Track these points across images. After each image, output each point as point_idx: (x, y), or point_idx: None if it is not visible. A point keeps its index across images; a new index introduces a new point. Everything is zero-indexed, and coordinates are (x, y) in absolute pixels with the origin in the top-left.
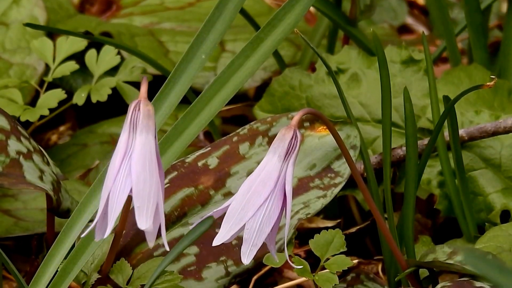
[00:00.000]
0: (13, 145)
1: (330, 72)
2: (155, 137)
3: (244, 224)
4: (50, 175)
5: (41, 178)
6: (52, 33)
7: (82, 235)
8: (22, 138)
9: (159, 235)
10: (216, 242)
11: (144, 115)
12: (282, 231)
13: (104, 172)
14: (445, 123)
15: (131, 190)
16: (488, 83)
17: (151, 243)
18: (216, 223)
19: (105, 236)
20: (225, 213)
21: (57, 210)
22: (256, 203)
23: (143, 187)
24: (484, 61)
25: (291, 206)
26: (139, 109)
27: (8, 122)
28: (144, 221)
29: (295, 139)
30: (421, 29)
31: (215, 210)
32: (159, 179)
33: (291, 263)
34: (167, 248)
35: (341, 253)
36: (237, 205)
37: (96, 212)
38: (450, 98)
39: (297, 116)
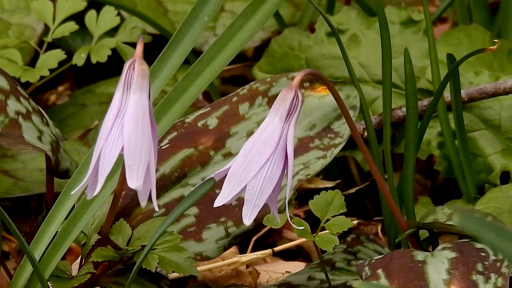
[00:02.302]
0: (12, 105)
1: (333, 32)
2: (149, 96)
3: (246, 185)
4: (49, 135)
5: (40, 138)
6: None
7: (72, 193)
8: (21, 99)
9: (158, 196)
10: (218, 203)
11: (139, 74)
12: (282, 191)
13: None
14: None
15: (122, 149)
16: (490, 47)
17: (143, 202)
18: (216, 184)
19: (95, 193)
20: (225, 175)
21: (56, 170)
22: (258, 164)
23: (134, 146)
24: (484, 21)
25: (292, 166)
26: (133, 68)
27: (8, 82)
28: (135, 180)
29: (296, 100)
30: None
31: (216, 172)
32: (151, 139)
33: (292, 224)
34: (156, 208)
35: (341, 214)
36: (238, 166)
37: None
38: (455, 57)
39: (298, 76)
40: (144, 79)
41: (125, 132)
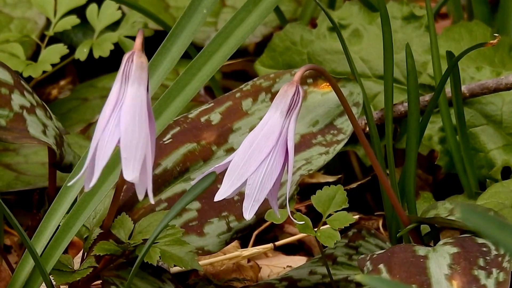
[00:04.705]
0: (17, 100)
1: (334, 27)
2: (148, 89)
3: (246, 180)
4: (53, 129)
5: (44, 132)
6: None
7: (69, 184)
8: (25, 93)
9: (160, 190)
10: (218, 197)
11: (137, 67)
12: (283, 187)
13: None
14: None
15: (119, 141)
16: (491, 41)
17: (140, 195)
18: (218, 178)
19: (91, 185)
20: (226, 169)
21: (60, 164)
22: (258, 159)
23: (131, 138)
24: (485, 17)
25: (293, 162)
26: (132, 60)
27: (12, 76)
28: (130, 173)
29: (297, 95)
30: None
31: (216, 166)
32: (148, 131)
33: (293, 219)
34: (152, 201)
35: (343, 209)
36: (239, 160)
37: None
38: (454, 54)
39: (299, 72)
40: (143, 72)
41: (122, 124)
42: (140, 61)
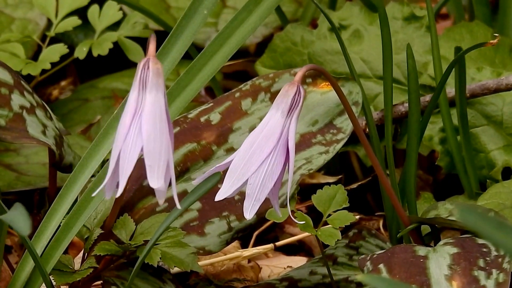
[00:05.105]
0: (17, 100)
1: (333, 28)
2: (165, 95)
3: (247, 179)
4: (53, 129)
5: (44, 132)
6: None
7: (93, 195)
8: (25, 93)
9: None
10: (219, 197)
11: (154, 73)
12: (284, 186)
13: (106, 127)
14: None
15: (142, 149)
16: (491, 41)
17: (161, 200)
18: (220, 179)
19: (118, 194)
20: (227, 168)
21: (60, 164)
22: (259, 158)
23: (153, 146)
24: (486, 17)
25: (294, 161)
26: (148, 67)
27: (12, 76)
28: (156, 180)
29: (298, 95)
30: None
31: (217, 165)
32: (169, 137)
33: (293, 219)
34: (178, 206)
35: (343, 209)
36: (240, 160)
37: (102, 169)
38: (462, 49)
39: (300, 72)
40: (159, 78)
41: (144, 132)
42: (156, 67)
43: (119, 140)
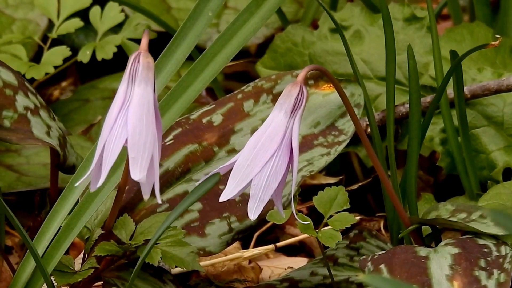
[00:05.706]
0: (21, 101)
1: (337, 28)
2: (154, 89)
3: (251, 181)
4: (57, 130)
5: (48, 133)
6: None
7: (76, 185)
8: (29, 94)
9: (162, 191)
10: (223, 198)
11: (144, 67)
12: (286, 187)
13: None
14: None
15: (126, 141)
16: (493, 43)
17: (145, 195)
18: (220, 179)
19: (98, 185)
20: (230, 170)
21: (63, 165)
22: (263, 159)
23: (138, 138)
24: (486, 18)
25: (297, 161)
26: (138, 60)
27: (16, 77)
28: (138, 172)
29: (301, 95)
30: None
31: (221, 167)
32: (156, 131)
33: (297, 219)
34: (159, 201)
35: (344, 210)
36: (243, 161)
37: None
38: (458, 53)
39: (302, 72)
40: (149, 72)
41: (129, 124)
42: (147, 61)
43: (104, 132)
